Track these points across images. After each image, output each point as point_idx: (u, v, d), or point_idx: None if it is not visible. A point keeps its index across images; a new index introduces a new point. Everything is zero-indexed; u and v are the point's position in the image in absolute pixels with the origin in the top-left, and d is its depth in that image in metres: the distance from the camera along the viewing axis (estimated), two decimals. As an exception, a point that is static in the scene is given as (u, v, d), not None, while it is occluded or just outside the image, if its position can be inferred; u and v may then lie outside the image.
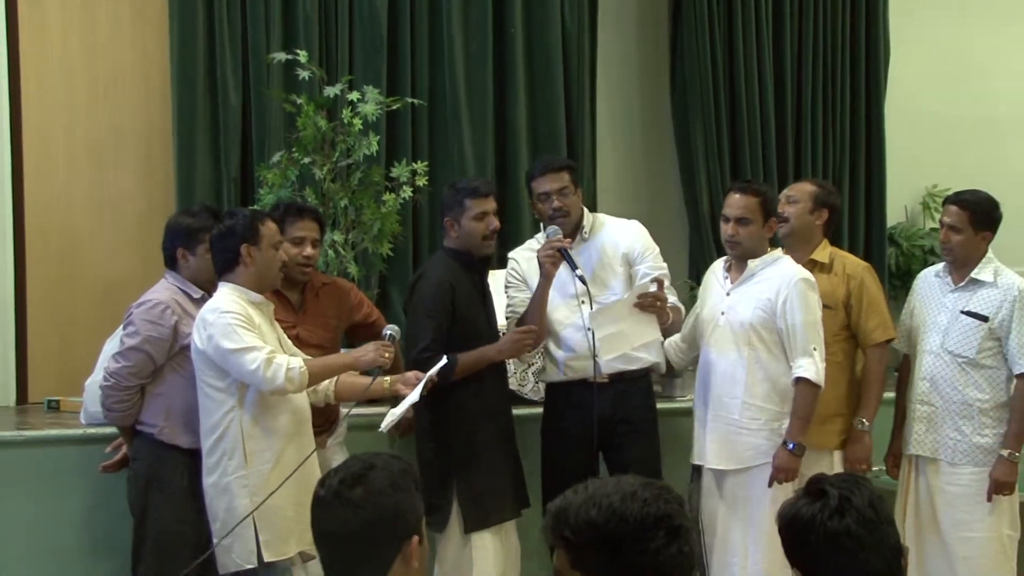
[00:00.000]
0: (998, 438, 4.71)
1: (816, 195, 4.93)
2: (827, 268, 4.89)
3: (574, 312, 4.78)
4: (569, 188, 4.81)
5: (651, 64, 6.92)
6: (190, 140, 5.97)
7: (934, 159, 7.18)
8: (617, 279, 4.85)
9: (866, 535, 2.42)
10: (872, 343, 4.86)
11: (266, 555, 4.14)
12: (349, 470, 2.53)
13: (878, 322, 4.85)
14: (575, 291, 4.75)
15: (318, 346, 4.64)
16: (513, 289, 4.92)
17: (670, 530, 2.16)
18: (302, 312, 4.73)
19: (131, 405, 4.35)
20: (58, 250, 6.05)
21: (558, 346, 4.84)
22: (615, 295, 4.81)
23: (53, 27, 6.04)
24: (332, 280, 5.00)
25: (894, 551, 2.47)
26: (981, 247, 4.80)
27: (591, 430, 4.72)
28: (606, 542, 2.15)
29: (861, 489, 2.48)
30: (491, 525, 4.61)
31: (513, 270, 4.96)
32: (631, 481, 2.22)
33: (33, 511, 4.87)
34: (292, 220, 4.62)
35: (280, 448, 4.18)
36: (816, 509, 2.46)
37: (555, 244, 4.65)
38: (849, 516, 2.43)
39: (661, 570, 2.15)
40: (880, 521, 2.45)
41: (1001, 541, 4.75)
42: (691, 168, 6.63)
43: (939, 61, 7.27)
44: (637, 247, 4.88)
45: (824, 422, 4.75)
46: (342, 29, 6.11)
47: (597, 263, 4.85)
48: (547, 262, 4.64)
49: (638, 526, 2.14)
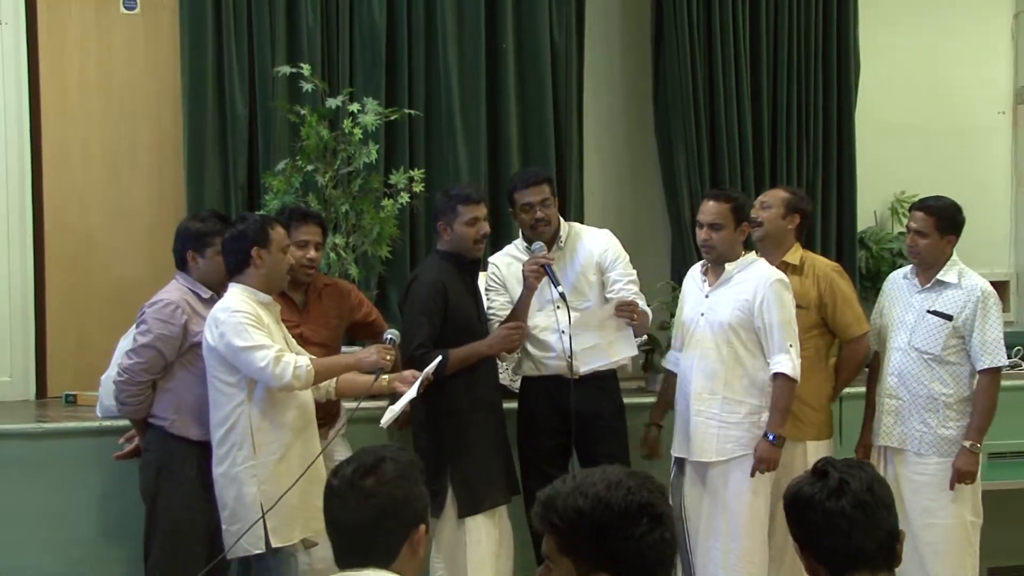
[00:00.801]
0: (961, 430, 4.73)
1: (788, 201, 4.96)
2: (799, 270, 4.91)
3: (550, 317, 4.86)
4: (549, 199, 4.89)
5: (635, 79, 6.91)
6: (199, 149, 5.96)
7: (902, 167, 7.18)
8: (591, 286, 4.94)
9: (861, 517, 2.44)
10: (850, 337, 4.90)
11: (273, 541, 4.16)
12: (361, 461, 2.57)
13: (853, 317, 4.89)
14: (551, 296, 4.81)
15: (321, 344, 4.66)
16: (493, 293, 4.98)
17: (653, 517, 2.18)
18: (306, 312, 4.74)
19: (143, 399, 4.36)
20: (75, 253, 6.06)
21: (536, 347, 4.91)
22: (589, 301, 4.89)
23: (71, 42, 6.04)
24: (334, 281, 5.01)
25: (889, 534, 2.49)
26: (946, 250, 4.82)
27: (564, 423, 4.79)
28: (592, 528, 2.17)
29: (861, 474, 2.51)
30: (484, 510, 4.64)
31: (493, 275, 5.00)
32: (616, 471, 2.24)
33: (51, 500, 4.89)
34: (297, 224, 4.63)
35: (287, 441, 4.19)
36: (816, 489, 2.49)
37: (540, 260, 4.71)
38: (845, 498, 2.46)
39: (645, 555, 2.17)
40: (877, 505, 2.47)
41: (964, 527, 4.77)
42: (673, 178, 6.62)
43: (906, 75, 7.27)
44: (609, 255, 4.97)
45: (797, 415, 4.77)
46: (343, 44, 6.11)
47: (572, 271, 4.92)
48: (531, 276, 4.70)
49: (623, 513, 2.16)
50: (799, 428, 4.81)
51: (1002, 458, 5.61)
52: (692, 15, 6.57)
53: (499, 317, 4.87)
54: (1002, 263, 7.43)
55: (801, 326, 4.72)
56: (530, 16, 6.40)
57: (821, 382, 4.91)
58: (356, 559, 2.50)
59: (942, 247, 4.80)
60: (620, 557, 2.17)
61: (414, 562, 2.55)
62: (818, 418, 4.89)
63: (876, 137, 7.09)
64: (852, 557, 2.45)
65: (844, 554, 2.46)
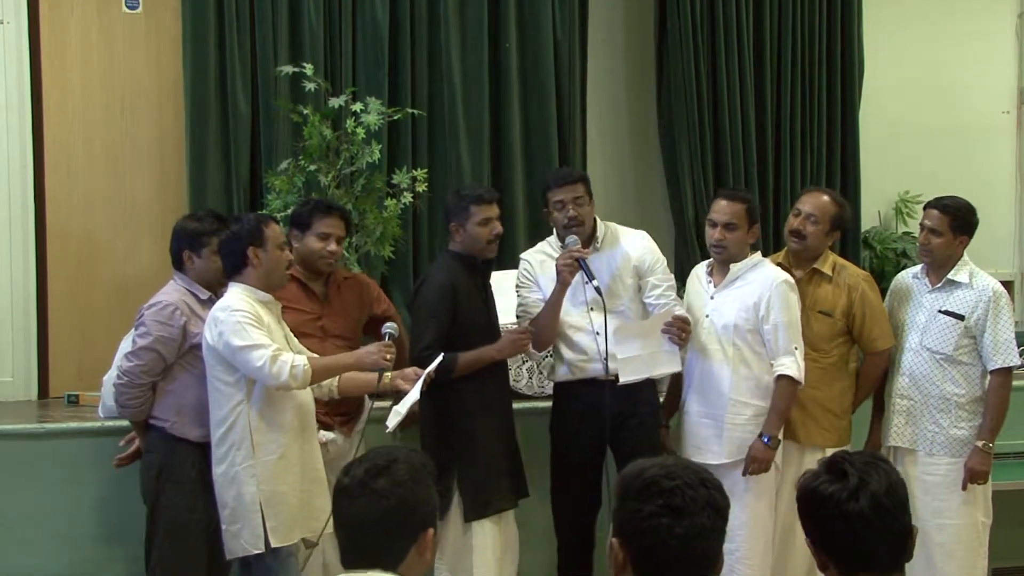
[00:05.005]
0: (973, 430, 4.70)
1: (835, 217, 4.81)
2: (829, 278, 4.82)
3: (584, 317, 4.73)
4: (583, 199, 4.75)
5: (638, 78, 6.89)
6: (202, 148, 5.93)
7: (906, 167, 7.15)
8: (626, 289, 4.79)
9: (876, 521, 2.40)
10: (874, 351, 4.84)
11: (273, 541, 4.12)
12: (373, 461, 2.53)
13: (880, 331, 4.82)
14: (585, 298, 4.70)
15: (341, 336, 4.66)
16: (524, 290, 4.86)
17: (671, 508, 2.18)
18: (327, 304, 4.70)
19: (143, 401, 4.33)
20: (77, 252, 6.03)
21: (569, 348, 4.77)
22: (623, 304, 4.76)
23: (73, 42, 6.01)
24: (354, 274, 4.99)
25: (901, 536, 2.44)
26: (957, 250, 4.77)
27: (599, 427, 4.68)
28: (621, 488, 2.27)
29: (880, 473, 2.45)
30: (490, 514, 4.57)
31: (525, 271, 4.89)
32: (689, 463, 2.33)
33: (53, 500, 4.88)
34: (320, 216, 4.61)
35: (285, 441, 4.16)
36: (835, 489, 2.43)
37: (574, 254, 4.58)
38: (864, 500, 2.40)
39: (645, 536, 2.18)
40: (894, 508, 2.43)
41: (975, 528, 4.74)
42: (676, 176, 6.59)
43: (911, 74, 7.24)
44: (647, 259, 4.82)
45: (821, 422, 4.74)
46: (346, 43, 6.07)
47: (609, 273, 4.77)
48: (565, 271, 4.58)
49: (641, 487, 2.22)
50: (821, 435, 4.77)
51: (1007, 459, 5.57)
52: (695, 14, 6.53)
53: (530, 314, 4.75)
54: (1006, 263, 7.39)
55: (826, 334, 4.72)
56: (533, 15, 6.37)
57: (844, 389, 4.85)
58: (363, 560, 2.47)
59: (954, 247, 4.75)
60: (629, 529, 2.21)
61: (420, 565, 2.52)
62: (840, 425, 4.84)
63: (880, 137, 7.07)
64: (865, 558, 2.41)
65: (857, 554, 2.42)
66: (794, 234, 4.81)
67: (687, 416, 4.79)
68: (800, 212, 4.82)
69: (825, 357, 4.74)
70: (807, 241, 4.80)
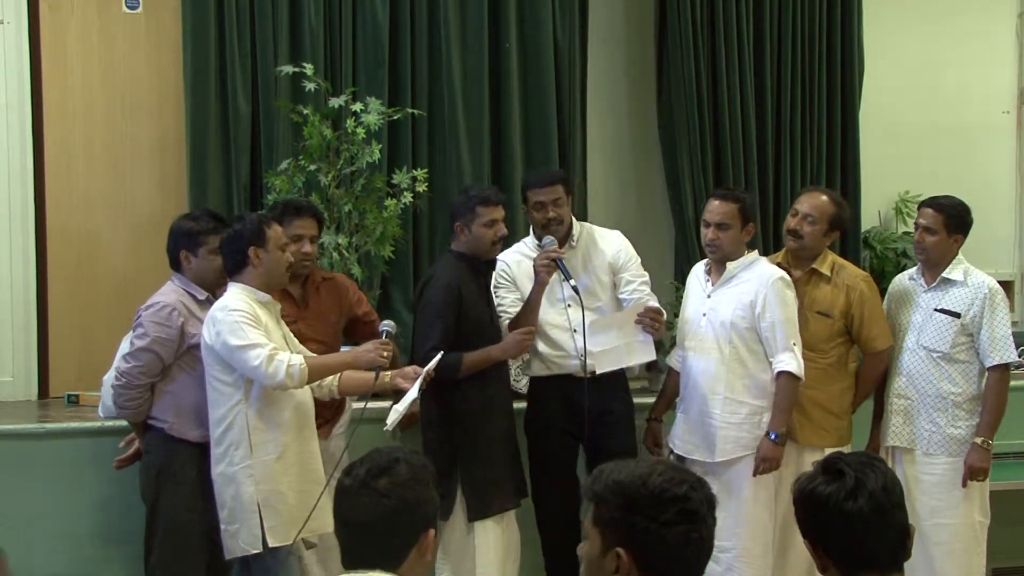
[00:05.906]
0: (971, 429, 4.70)
1: (833, 217, 4.81)
2: (827, 279, 4.82)
3: (561, 315, 4.80)
4: (563, 199, 4.82)
5: (638, 78, 6.87)
6: (202, 148, 5.91)
7: (906, 167, 7.14)
8: (603, 287, 4.89)
9: (876, 519, 2.41)
10: (873, 351, 4.85)
11: (270, 540, 4.12)
12: (375, 462, 2.54)
13: (879, 331, 4.83)
14: (563, 296, 4.76)
15: (318, 340, 4.58)
16: (503, 290, 4.90)
17: (685, 512, 2.20)
18: (304, 307, 4.67)
19: (142, 402, 4.33)
20: (77, 252, 6.02)
21: (547, 345, 4.84)
22: (600, 302, 4.84)
23: (73, 42, 6.00)
24: (332, 276, 4.94)
25: (900, 534, 2.45)
26: (953, 249, 4.78)
27: (576, 422, 4.74)
28: (624, 501, 2.21)
29: (876, 472, 2.46)
30: (493, 514, 4.58)
31: (503, 271, 4.92)
32: (671, 465, 2.31)
33: (53, 500, 4.88)
34: (290, 219, 4.55)
35: (284, 440, 4.15)
36: (833, 489, 2.44)
37: (551, 254, 4.64)
38: (862, 499, 2.41)
39: (667, 543, 2.19)
40: (892, 505, 2.44)
41: (973, 527, 4.74)
42: (677, 176, 6.58)
43: (911, 74, 7.23)
44: (621, 256, 4.93)
45: (820, 422, 4.74)
46: (346, 43, 6.06)
47: (584, 271, 4.86)
48: (543, 270, 4.63)
49: (654, 495, 2.20)
50: (820, 435, 4.78)
51: (1006, 459, 5.57)
52: (696, 14, 6.52)
53: (509, 314, 4.81)
54: (1006, 263, 7.38)
55: (825, 334, 4.73)
56: (533, 15, 6.35)
57: (844, 389, 4.85)
58: (363, 560, 2.47)
59: (949, 245, 4.76)
60: (641, 539, 2.19)
61: (421, 566, 2.52)
62: (840, 425, 4.84)
63: (880, 137, 7.06)
64: (865, 558, 2.42)
65: (857, 555, 2.42)
66: (791, 234, 4.82)
67: (682, 413, 4.81)
68: (798, 212, 4.83)
69: (823, 357, 4.75)
70: (804, 241, 4.80)
